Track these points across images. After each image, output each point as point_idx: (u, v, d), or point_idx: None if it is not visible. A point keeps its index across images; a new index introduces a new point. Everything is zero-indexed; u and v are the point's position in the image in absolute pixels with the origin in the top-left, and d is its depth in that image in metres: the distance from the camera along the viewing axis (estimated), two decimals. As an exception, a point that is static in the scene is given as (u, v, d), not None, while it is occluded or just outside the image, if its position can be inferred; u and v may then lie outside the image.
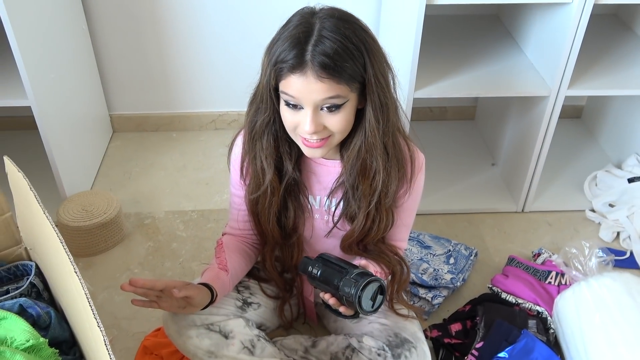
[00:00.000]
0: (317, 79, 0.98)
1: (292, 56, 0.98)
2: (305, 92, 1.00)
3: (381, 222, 1.20)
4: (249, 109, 1.14)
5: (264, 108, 1.08)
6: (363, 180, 1.15)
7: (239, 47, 2.15)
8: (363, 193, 1.16)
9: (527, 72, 1.80)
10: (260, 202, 1.21)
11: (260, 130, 1.11)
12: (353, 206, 1.19)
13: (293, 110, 1.04)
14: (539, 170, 1.88)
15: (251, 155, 1.16)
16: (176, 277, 1.70)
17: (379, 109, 1.06)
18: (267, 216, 1.22)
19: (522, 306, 1.55)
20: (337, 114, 1.04)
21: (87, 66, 2.08)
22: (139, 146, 2.26)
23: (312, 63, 0.98)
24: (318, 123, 1.03)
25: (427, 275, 1.63)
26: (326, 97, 1.00)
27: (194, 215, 1.94)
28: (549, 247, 1.82)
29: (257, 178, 1.18)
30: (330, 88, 1.00)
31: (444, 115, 2.41)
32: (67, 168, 1.86)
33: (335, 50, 0.98)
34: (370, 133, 1.08)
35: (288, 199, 1.21)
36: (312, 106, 1.01)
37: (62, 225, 1.73)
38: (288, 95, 1.02)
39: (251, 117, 1.12)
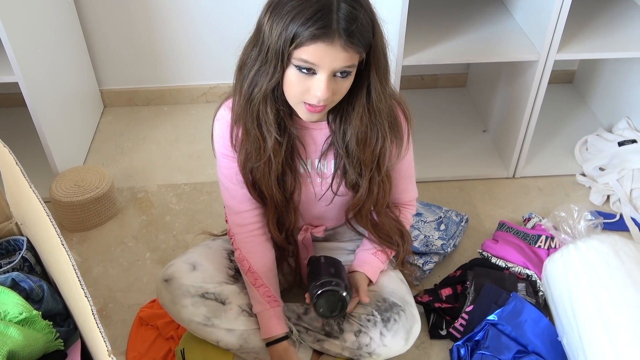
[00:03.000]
0: (342, 48, 0.97)
1: (319, 26, 0.95)
2: (327, 59, 0.98)
3: (384, 186, 1.21)
4: (241, 72, 1.08)
5: (271, 73, 1.02)
6: (364, 148, 1.14)
7: (227, 19, 2.13)
8: (364, 161, 1.15)
9: (517, 37, 1.78)
10: (259, 169, 1.17)
11: (264, 93, 1.06)
12: (352, 174, 1.18)
13: (304, 75, 1.01)
14: (530, 136, 1.88)
15: (249, 119, 1.11)
16: (170, 250, 1.71)
17: (382, 74, 1.07)
18: (267, 182, 1.19)
19: (511, 270, 1.56)
20: (347, 79, 1.03)
21: (74, 41, 2.06)
22: (130, 121, 2.25)
23: (339, 32, 0.96)
24: (330, 89, 1.01)
25: (418, 242, 1.64)
26: (345, 66, 0.99)
27: (186, 188, 1.94)
28: (539, 212, 1.82)
29: (257, 143, 1.13)
30: (352, 57, 0.99)
31: (435, 83, 2.40)
32: (58, 144, 1.85)
33: (359, 18, 0.97)
34: (377, 98, 1.08)
35: (284, 164, 1.19)
36: (329, 72, 0.99)
37: (55, 200, 1.74)
38: (307, 62, 0.98)
39: (250, 80, 1.06)
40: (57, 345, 1.07)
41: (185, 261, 1.31)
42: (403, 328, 1.27)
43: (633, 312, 1.30)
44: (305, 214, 1.33)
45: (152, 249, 1.72)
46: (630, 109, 2.02)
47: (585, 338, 1.32)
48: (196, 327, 1.25)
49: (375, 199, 1.22)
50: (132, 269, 1.66)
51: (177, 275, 1.27)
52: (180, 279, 1.26)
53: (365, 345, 1.26)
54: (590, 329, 1.32)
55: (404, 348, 1.28)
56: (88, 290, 0.89)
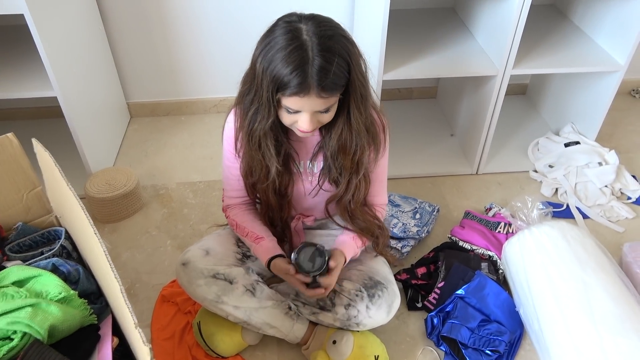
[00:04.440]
0: (318, 97, 0.97)
1: (295, 83, 0.94)
2: (306, 106, 0.99)
3: (361, 186, 1.20)
4: (240, 102, 1.08)
5: (267, 115, 1.03)
6: (344, 156, 1.13)
7: (236, 39, 2.11)
8: (344, 166, 1.15)
9: (478, 56, 1.78)
10: (259, 183, 1.18)
11: (264, 133, 1.07)
12: (334, 173, 1.18)
13: (292, 114, 1.02)
14: (490, 139, 1.88)
15: (253, 148, 1.11)
16: (187, 238, 1.70)
17: (360, 101, 1.05)
18: (264, 189, 1.20)
19: (476, 252, 1.56)
20: (329, 112, 1.04)
21: (104, 60, 2.04)
22: (153, 129, 2.24)
23: (313, 87, 0.95)
24: (314, 122, 1.03)
25: (397, 229, 1.63)
26: (323, 109, 1.01)
27: (201, 185, 1.93)
28: (498, 202, 1.82)
29: (260, 166, 1.14)
30: (327, 101, 0.99)
31: (410, 95, 2.39)
32: (91, 149, 1.84)
33: (332, 71, 0.95)
34: (355, 121, 1.07)
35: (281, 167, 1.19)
36: (310, 113, 1.01)
37: (89, 197, 1.72)
38: (289, 109, 1.00)
39: (250, 119, 1.06)
40: (92, 320, 1.06)
41: (200, 247, 1.30)
42: (386, 302, 1.26)
43: (578, 285, 1.30)
44: (297, 206, 1.33)
45: (172, 237, 1.71)
46: (575, 115, 2.02)
47: (539, 308, 1.32)
48: (209, 304, 1.24)
49: (352, 195, 1.21)
50: (155, 254, 1.65)
51: (193, 260, 1.26)
52: (196, 262, 1.25)
53: (353, 316, 1.25)
54: (543, 300, 1.32)
55: (386, 319, 1.27)
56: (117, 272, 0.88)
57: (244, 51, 1.06)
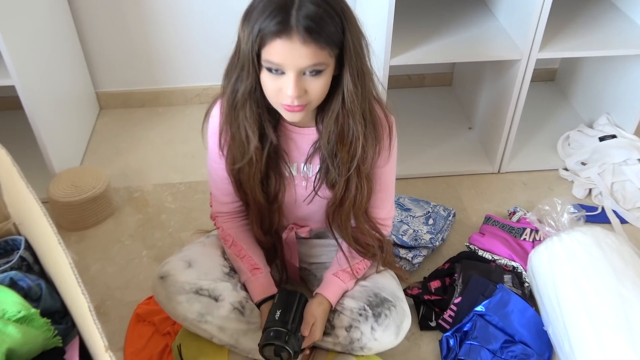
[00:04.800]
0: (302, 43, 0.97)
1: (276, 22, 0.96)
2: (289, 57, 0.98)
3: (362, 189, 1.20)
4: (226, 78, 1.11)
5: (246, 76, 1.05)
6: (342, 147, 1.14)
7: (220, 21, 2.11)
8: (342, 160, 1.15)
9: (500, 37, 1.78)
10: (244, 172, 1.19)
11: (243, 98, 1.09)
12: (333, 173, 1.18)
13: (275, 75, 1.02)
14: (514, 132, 1.88)
15: (234, 124, 1.14)
16: (166, 248, 1.70)
17: (356, 75, 1.05)
18: (251, 184, 1.21)
19: (498, 262, 1.56)
20: (319, 78, 1.03)
21: (69, 44, 2.04)
22: (126, 122, 2.24)
23: (297, 27, 0.96)
24: (300, 87, 1.02)
25: (407, 237, 1.63)
26: (310, 64, 0.99)
27: (181, 187, 1.93)
28: (523, 206, 1.83)
29: (242, 147, 1.16)
30: (314, 54, 0.98)
31: (422, 82, 2.39)
32: (55, 145, 1.83)
33: (319, 14, 0.96)
34: (349, 99, 1.07)
35: (269, 168, 1.20)
36: (295, 71, 1.00)
37: (53, 201, 1.72)
38: (271, 62, 1.00)
39: (232, 87, 1.10)
40: (56, 342, 1.06)
41: (180, 258, 1.30)
42: (394, 323, 1.26)
43: (615, 300, 1.31)
44: (290, 214, 1.33)
45: (148, 246, 1.71)
46: (610, 105, 2.02)
47: (570, 327, 1.33)
48: (190, 324, 1.24)
49: (353, 200, 1.21)
50: (129, 266, 1.65)
51: (173, 272, 1.26)
52: (176, 275, 1.25)
53: (356, 339, 1.25)
54: (574, 317, 1.33)
55: (394, 342, 1.27)
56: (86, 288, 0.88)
57: (231, 33, 1.07)
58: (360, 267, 1.31)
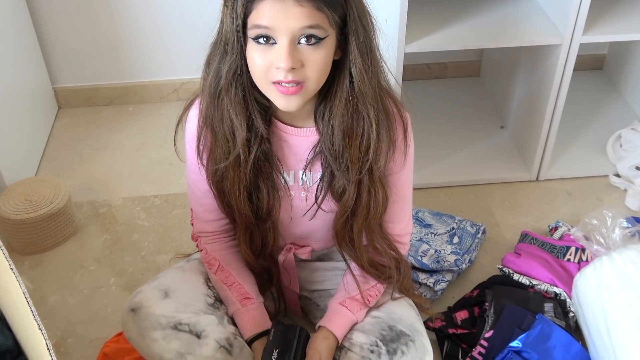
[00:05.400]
0: (295, 1, 0.97)
1: None
2: (281, 18, 0.98)
3: (377, 195, 1.20)
4: (207, 67, 1.11)
5: (230, 53, 1.05)
6: (350, 142, 1.14)
7: (200, 3, 2.13)
8: (351, 159, 1.15)
9: (536, 18, 1.79)
10: (227, 179, 1.19)
11: (227, 82, 1.08)
12: (340, 180, 1.18)
13: (265, 46, 1.02)
14: (554, 132, 1.88)
15: (217, 118, 1.13)
16: (138, 273, 1.71)
17: (364, 46, 1.06)
18: (236, 195, 1.20)
19: (537, 288, 1.56)
20: (317, 49, 1.02)
21: (23, 33, 2.06)
22: (89, 123, 2.25)
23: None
24: (295, 58, 1.01)
25: (427, 258, 1.64)
26: (305, 26, 0.99)
27: (156, 201, 1.94)
28: (567, 220, 1.83)
29: (226, 145, 1.15)
30: (310, 14, 0.99)
31: (444, 73, 2.40)
32: (5, 152, 1.85)
33: None
34: (359, 77, 1.07)
35: (259, 178, 1.20)
36: (289, 36, 1.00)
37: (3, 218, 1.73)
38: (260, 27, 1.00)
39: (214, 72, 1.09)
40: (7, 388, 1.06)
41: (155, 287, 1.30)
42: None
43: (678, 333, 1.30)
44: (287, 232, 1.33)
45: (117, 273, 1.72)
46: (670, 98, 2.04)
47: (624, 365, 1.32)
48: (168, 364, 1.25)
49: (366, 210, 1.21)
50: (94, 297, 1.66)
51: (147, 304, 1.26)
52: (150, 307, 1.26)
53: (368, 381, 1.26)
54: (629, 354, 1.32)
55: (413, 385, 1.27)
56: (43, 322, 0.89)
57: (213, 17, 1.08)
58: (372, 294, 1.31)
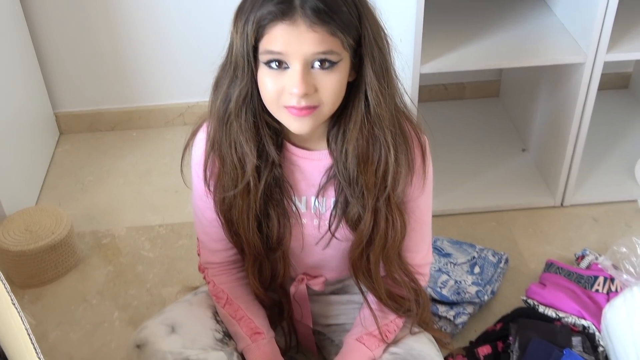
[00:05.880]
0: (309, 27, 0.98)
1: (276, 2, 0.98)
2: (294, 44, 1.00)
3: (395, 223, 1.19)
4: (215, 90, 1.12)
5: (240, 77, 1.06)
6: (365, 167, 1.14)
7: (205, 23, 2.15)
8: (366, 185, 1.15)
9: (558, 35, 1.80)
10: (235, 206, 1.19)
11: (237, 107, 1.09)
12: (355, 207, 1.18)
13: (277, 71, 1.03)
14: (579, 154, 1.88)
15: (225, 144, 1.14)
16: (143, 307, 1.71)
17: (380, 69, 1.07)
18: (245, 224, 1.21)
19: (564, 321, 1.55)
20: (331, 73, 1.04)
21: (24, 56, 2.09)
22: (92, 150, 2.27)
23: (302, 8, 0.98)
24: (309, 83, 1.02)
25: (447, 289, 1.63)
26: (319, 51, 1.01)
27: (162, 230, 1.94)
28: (594, 248, 1.81)
29: (234, 172, 1.16)
30: (323, 40, 1.00)
31: (461, 93, 2.41)
32: (4, 181, 1.86)
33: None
34: (375, 100, 1.08)
35: (269, 204, 1.20)
36: (302, 61, 1.01)
37: (2, 250, 1.74)
38: (272, 52, 1.01)
39: (223, 96, 1.10)
40: None
41: (161, 322, 1.30)
42: (432, 400, 1.25)
43: None
44: (298, 262, 1.33)
45: (121, 307, 1.72)
46: (701, 117, 2.03)
47: (659, 403, 1.31)
48: (176, 404, 1.24)
49: (384, 239, 1.21)
50: (97, 332, 1.66)
51: (152, 340, 1.26)
52: (156, 343, 1.25)
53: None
54: (664, 391, 1.31)
55: None
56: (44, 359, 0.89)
57: (221, 37, 1.09)
58: (391, 329, 1.31)
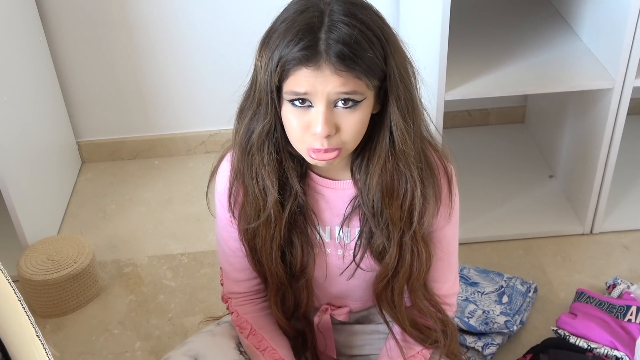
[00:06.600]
0: (333, 72, 0.98)
1: (301, 47, 0.98)
2: (319, 86, 1.00)
3: (420, 255, 1.19)
4: (239, 118, 1.13)
5: (264, 113, 1.07)
6: (390, 202, 1.13)
7: (228, 51, 2.17)
8: (391, 219, 1.15)
9: (584, 60, 1.79)
10: (259, 235, 1.19)
11: (260, 140, 1.10)
12: (379, 238, 1.18)
13: (300, 109, 1.03)
14: (608, 181, 1.87)
15: (247, 174, 1.15)
16: (164, 337, 1.70)
17: (406, 108, 1.07)
18: (268, 252, 1.20)
19: (596, 352, 1.53)
20: (354, 112, 1.03)
21: (47, 85, 2.11)
22: (114, 178, 2.28)
23: (327, 54, 0.98)
24: (331, 123, 1.02)
25: (475, 319, 1.62)
26: (342, 91, 1.01)
27: (183, 259, 1.94)
28: (626, 276, 1.80)
29: (256, 203, 1.16)
30: (347, 82, 1.00)
31: (486, 120, 2.40)
32: (27, 210, 1.88)
33: (354, 37, 0.98)
34: (400, 139, 1.08)
35: (292, 232, 1.19)
36: (325, 101, 1.01)
37: (24, 279, 1.75)
38: (295, 92, 1.02)
39: (246, 127, 1.11)
40: None
41: (184, 353, 1.29)
42: None
43: None
44: (322, 292, 1.32)
45: (143, 337, 1.72)
46: None
47: None
48: None
49: (409, 271, 1.20)
50: (118, 362, 1.66)
51: (176, 371, 1.26)
52: (179, 375, 1.25)
53: None
54: None
55: None
56: (67, 392, 0.88)
57: (244, 65, 1.10)
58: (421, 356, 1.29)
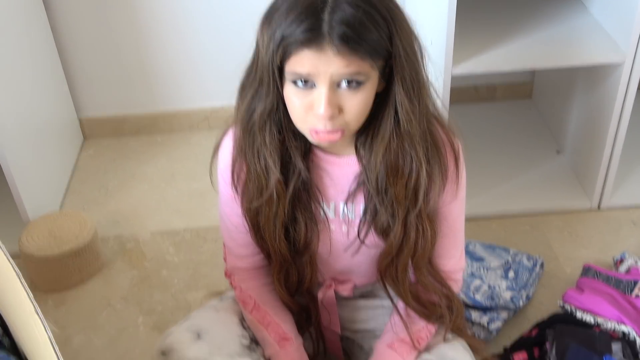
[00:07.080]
0: (336, 54, 0.98)
1: (303, 29, 0.97)
2: (321, 66, 0.99)
3: (425, 232, 1.19)
4: (241, 95, 1.13)
5: (265, 92, 1.07)
6: (395, 180, 1.13)
7: (231, 25, 2.16)
8: (396, 197, 1.15)
9: (594, 35, 1.78)
10: (262, 213, 1.19)
11: (262, 120, 1.10)
12: (384, 215, 1.18)
13: (303, 89, 1.03)
14: (617, 156, 1.86)
15: (250, 153, 1.15)
16: (168, 313, 1.71)
17: (411, 88, 1.06)
18: (272, 230, 1.21)
19: (603, 327, 1.53)
20: (357, 93, 1.03)
21: (48, 61, 2.11)
22: (116, 154, 2.28)
23: (330, 36, 0.97)
24: (334, 104, 1.02)
25: (480, 295, 1.62)
26: (346, 73, 1.00)
27: (186, 235, 1.94)
28: (634, 252, 1.79)
29: (259, 181, 1.17)
30: (351, 63, 0.99)
31: (492, 95, 2.40)
32: (29, 186, 1.88)
33: (358, 18, 0.97)
34: (405, 118, 1.08)
35: (296, 209, 1.20)
36: (328, 82, 1.01)
37: (26, 255, 1.75)
38: (297, 73, 1.01)
39: (247, 106, 1.11)
40: None
41: (187, 328, 1.30)
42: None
43: None
44: (326, 267, 1.32)
45: (145, 312, 1.72)
46: None
47: None
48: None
49: (413, 248, 1.20)
50: (121, 337, 1.66)
51: (178, 347, 1.26)
52: (182, 350, 1.25)
53: None
54: None
55: None
56: (68, 366, 0.88)
57: (247, 38, 1.09)
58: (423, 335, 1.29)
